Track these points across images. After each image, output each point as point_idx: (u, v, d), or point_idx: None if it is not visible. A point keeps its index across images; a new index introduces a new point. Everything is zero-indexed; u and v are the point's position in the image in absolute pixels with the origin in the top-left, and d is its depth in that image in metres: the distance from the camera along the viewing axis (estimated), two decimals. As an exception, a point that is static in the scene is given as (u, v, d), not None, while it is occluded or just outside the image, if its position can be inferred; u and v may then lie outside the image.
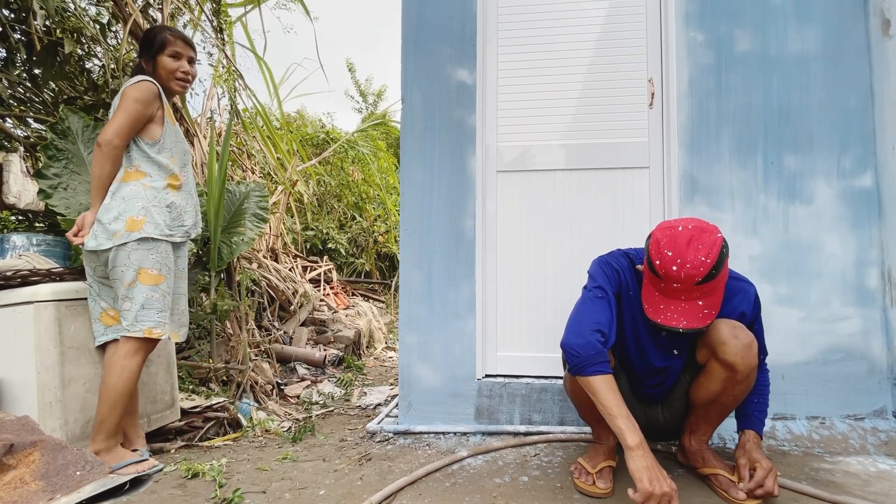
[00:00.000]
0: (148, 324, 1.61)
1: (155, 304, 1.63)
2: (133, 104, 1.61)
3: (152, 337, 1.62)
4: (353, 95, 9.58)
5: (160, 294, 1.64)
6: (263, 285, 3.92)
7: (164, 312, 1.65)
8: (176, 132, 1.76)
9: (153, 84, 1.66)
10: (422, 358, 1.96)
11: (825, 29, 1.87)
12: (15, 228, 3.38)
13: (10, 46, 2.93)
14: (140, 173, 1.66)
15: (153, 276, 1.63)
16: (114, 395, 1.56)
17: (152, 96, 1.65)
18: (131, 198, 1.63)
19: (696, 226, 1.20)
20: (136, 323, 1.60)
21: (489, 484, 1.43)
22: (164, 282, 1.65)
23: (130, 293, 1.61)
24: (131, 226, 1.60)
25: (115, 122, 1.60)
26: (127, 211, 1.61)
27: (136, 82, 1.65)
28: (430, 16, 2.02)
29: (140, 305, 1.60)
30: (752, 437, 1.32)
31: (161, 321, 1.64)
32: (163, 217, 1.66)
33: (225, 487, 1.44)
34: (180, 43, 1.74)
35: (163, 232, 1.65)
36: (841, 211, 1.84)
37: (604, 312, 1.29)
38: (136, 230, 1.60)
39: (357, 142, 6.83)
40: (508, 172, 2.02)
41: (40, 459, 0.75)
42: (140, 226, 1.61)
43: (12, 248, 2.09)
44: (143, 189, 1.65)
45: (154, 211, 1.64)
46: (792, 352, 1.81)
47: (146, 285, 1.61)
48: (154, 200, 1.65)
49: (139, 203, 1.63)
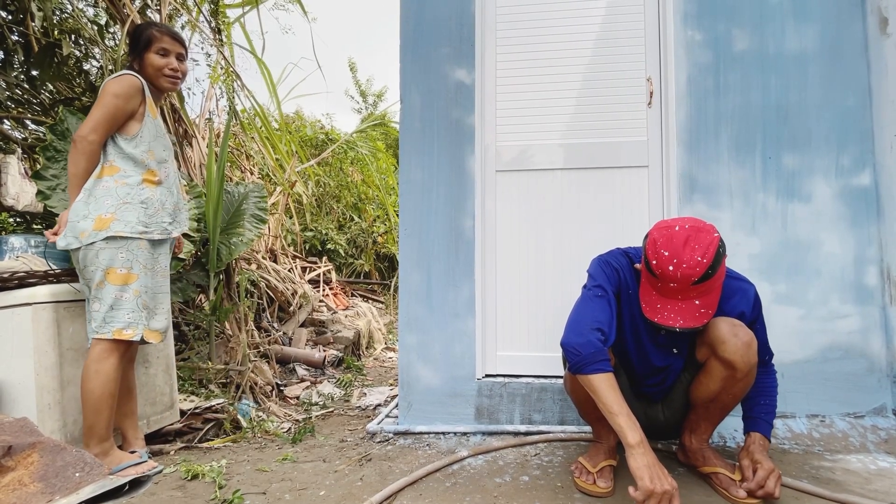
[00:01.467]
0: (117, 324, 1.56)
1: (125, 305, 1.58)
2: (112, 99, 1.57)
3: (122, 338, 1.56)
4: (354, 95, 9.58)
5: (130, 294, 1.59)
6: (262, 286, 3.91)
7: (137, 312, 1.60)
8: (157, 127, 1.71)
9: (135, 77, 1.62)
10: (422, 358, 1.95)
11: (823, 28, 1.87)
12: (13, 230, 3.38)
13: (7, 48, 2.93)
14: (114, 168, 1.62)
15: (122, 276, 1.58)
16: (93, 400, 1.53)
17: (133, 91, 1.61)
18: (102, 195, 1.59)
19: (693, 225, 1.20)
20: (105, 324, 1.56)
21: (490, 484, 1.43)
22: (137, 280, 1.60)
23: (99, 293, 1.57)
24: (99, 224, 1.56)
25: (91, 118, 1.56)
26: (97, 209, 1.57)
27: (118, 76, 1.61)
28: (429, 16, 2.02)
29: (109, 306, 1.56)
30: (757, 439, 1.31)
31: (132, 321, 1.58)
32: (135, 214, 1.61)
33: (225, 489, 1.44)
34: (167, 39, 1.69)
35: (134, 229, 1.60)
36: (840, 209, 1.84)
37: (603, 311, 1.29)
38: (104, 229, 1.56)
39: (356, 142, 6.83)
40: (508, 172, 2.02)
41: (39, 461, 0.74)
42: (108, 224, 1.56)
43: (10, 250, 2.09)
44: (115, 185, 1.60)
45: (125, 208, 1.59)
46: (791, 350, 1.81)
47: (115, 285, 1.57)
48: (126, 197, 1.60)
49: (109, 200, 1.58)
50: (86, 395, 1.54)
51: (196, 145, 3.38)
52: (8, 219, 3.48)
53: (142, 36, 1.69)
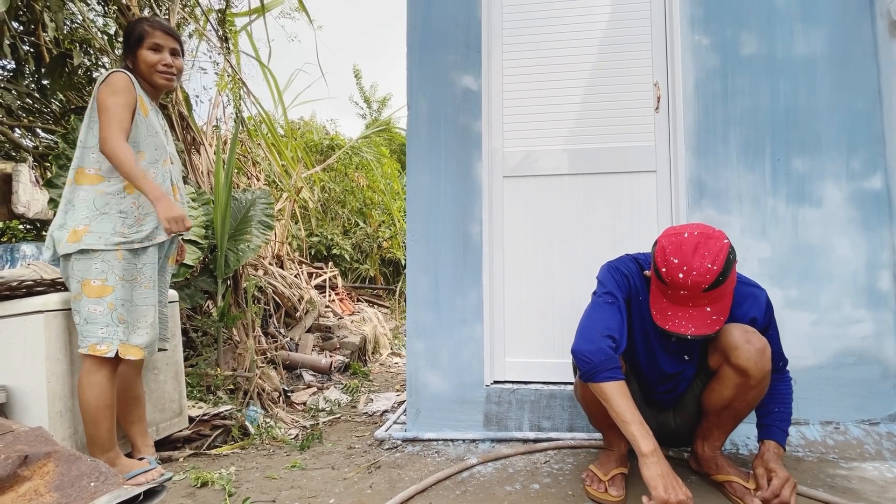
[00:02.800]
0: (91, 339, 1.51)
1: (99, 319, 1.52)
2: (110, 99, 1.53)
3: (96, 354, 1.51)
4: (358, 101, 9.64)
5: (105, 307, 1.52)
6: (269, 292, 3.92)
7: (112, 327, 1.53)
8: (149, 126, 1.64)
9: (123, 73, 1.58)
10: (429, 364, 1.95)
11: (831, 31, 1.86)
12: (23, 238, 3.41)
13: (19, 58, 2.97)
14: (96, 177, 1.56)
15: (96, 288, 1.52)
16: (90, 412, 1.51)
17: (125, 84, 1.56)
18: (79, 205, 1.55)
19: (703, 232, 1.19)
20: (83, 338, 1.52)
21: (500, 492, 1.42)
22: (112, 293, 1.53)
23: (77, 306, 1.54)
24: (72, 237, 1.53)
25: (102, 125, 1.53)
26: (73, 220, 1.54)
27: (105, 78, 1.56)
28: (435, 23, 2.03)
29: (84, 320, 1.52)
30: (772, 447, 1.30)
31: (105, 336, 1.52)
32: (111, 225, 1.55)
33: (234, 496, 1.44)
34: (159, 34, 1.63)
35: (109, 241, 1.54)
36: (851, 213, 1.82)
37: (614, 318, 1.28)
38: (77, 241, 1.52)
39: (361, 148, 6.86)
40: (515, 177, 2.02)
41: (55, 471, 0.75)
42: (80, 236, 1.52)
43: (22, 258, 2.11)
44: (94, 195, 1.56)
45: (100, 219, 1.54)
46: (804, 356, 1.79)
47: (90, 298, 1.52)
48: (104, 207, 1.55)
49: (85, 211, 1.54)
50: (82, 407, 1.53)
51: (203, 152, 3.41)
52: (18, 226, 3.52)
53: (133, 32, 1.63)
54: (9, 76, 3.12)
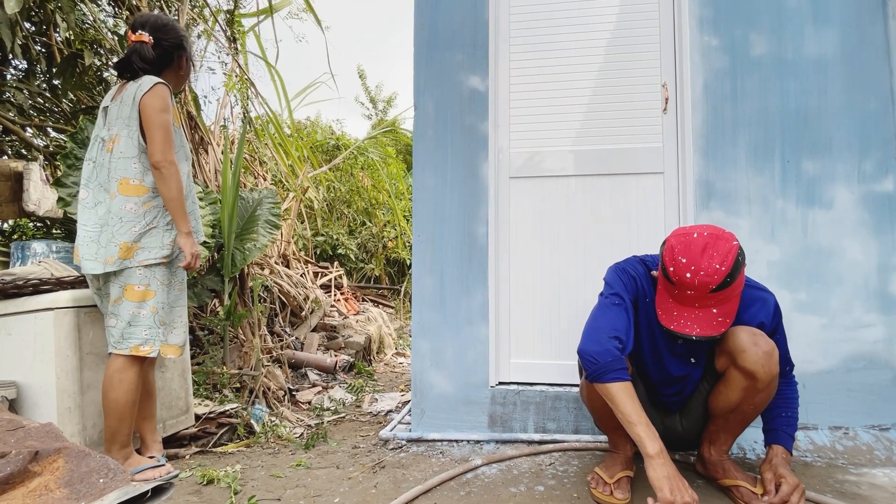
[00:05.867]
0: (134, 341, 1.56)
1: (142, 321, 1.56)
2: (163, 116, 1.55)
3: (139, 354, 1.56)
4: (364, 102, 9.67)
5: (148, 311, 1.57)
6: (275, 291, 3.94)
7: (154, 329, 1.58)
8: (180, 136, 1.68)
9: (167, 86, 1.60)
10: (435, 365, 1.95)
11: (843, 31, 1.84)
12: (33, 235, 3.45)
13: (31, 58, 3.01)
14: (142, 188, 1.58)
15: (139, 293, 1.56)
16: (119, 407, 1.54)
17: (169, 98, 1.60)
18: (128, 217, 1.55)
19: (712, 233, 1.19)
20: (123, 340, 1.56)
21: (504, 493, 1.41)
22: (154, 297, 1.58)
23: (116, 310, 1.57)
24: (124, 253, 1.54)
25: (155, 140, 1.54)
26: (121, 234, 1.54)
27: (152, 89, 1.56)
28: (443, 23, 2.03)
29: (126, 322, 1.55)
30: (780, 452, 1.29)
31: (149, 338, 1.57)
32: (159, 239, 1.59)
33: (240, 494, 1.44)
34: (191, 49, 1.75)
35: (158, 255, 1.58)
36: (862, 216, 1.80)
37: (621, 319, 1.28)
38: (129, 258, 1.54)
39: (367, 148, 6.88)
40: (521, 178, 2.01)
41: (64, 467, 0.76)
42: (132, 253, 1.55)
43: (33, 255, 2.13)
44: (143, 209, 1.57)
45: (151, 234, 1.58)
46: (813, 360, 1.77)
47: (132, 302, 1.56)
48: (153, 221, 1.58)
49: (136, 227, 1.55)
50: (110, 403, 1.55)
51: (211, 152, 3.44)
52: (28, 223, 3.56)
53: (183, 42, 1.69)
54: (21, 76, 3.16)
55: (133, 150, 1.58)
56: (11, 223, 3.51)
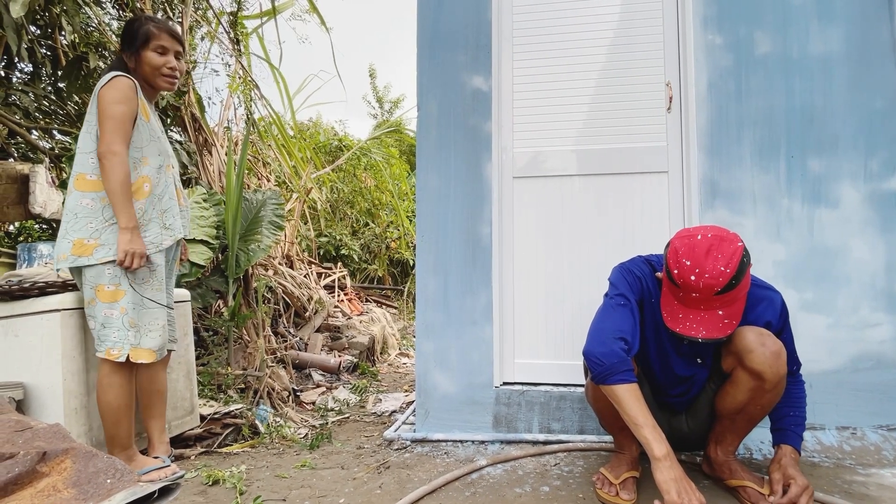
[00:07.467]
0: (107, 343, 1.53)
1: (114, 323, 1.52)
2: (115, 107, 1.49)
3: (110, 358, 1.53)
4: (371, 101, 9.68)
5: (118, 311, 1.53)
6: (279, 292, 3.95)
7: (123, 331, 1.53)
8: (151, 129, 1.62)
9: (127, 79, 1.54)
10: (439, 365, 1.95)
11: (849, 29, 1.83)
12: (39, 237, 3.48)
13: (36, 61, 3.03)
14: (98, 183, 1.52)
15: (110, 293, 1.52)
16: (111, 412, 1.53)
17: (131, 93, 1.53)
18: (85, 215, 1.51)
19: (716, 234, 1.18)
20: (101, 342, 1.54)
21: (510, 494, 1.41)
22: (124, 297, 1.54)
23: (92, 311, 1.54)
24: (79, 249, 1.50)
25: (104, 131, 1.49)
26: (76, 231, 1.50)
27: (109, 81, 1.51)
28: (446, 24, 2.03)
29: (101, 324, 1.53)
30: (788, 452, 1.28)
31: (118, 340, 1.53)
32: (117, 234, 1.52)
33: (245, 495, 1.45)
34: (165, 36, 1.60)
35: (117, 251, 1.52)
36: (868, 215, 1.79)
37: (626, 320, 1.27)
38: (86, 255, 1.50)
39: (370, 149, 6.89)
40: (525, 178, 2.01)
41: (72, 467, 0.76)
42: (91, 250, 1.50)
43: (39, 257, 2.15)
44: (101, 205, 1.52)
45: (109, 230, 1.52)
46: (820, 360, 1.76)
47: (104, 303, 1.53)
48: (112, 218, 1.52)
49: (92, 223, 1.51)
50: (103, 407, 1.55)
51: (215, 153, 3.45)
52: (34, 226, 3.58)
53: (139, 32, 1.58)
54: (27, 79, 3.19)
55: (90, 144, 1.55)
56: (18, 225, 3.53)
